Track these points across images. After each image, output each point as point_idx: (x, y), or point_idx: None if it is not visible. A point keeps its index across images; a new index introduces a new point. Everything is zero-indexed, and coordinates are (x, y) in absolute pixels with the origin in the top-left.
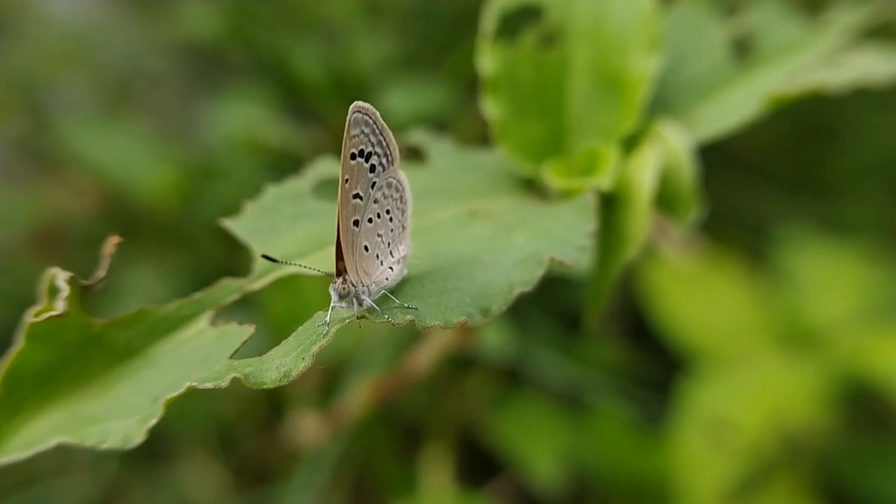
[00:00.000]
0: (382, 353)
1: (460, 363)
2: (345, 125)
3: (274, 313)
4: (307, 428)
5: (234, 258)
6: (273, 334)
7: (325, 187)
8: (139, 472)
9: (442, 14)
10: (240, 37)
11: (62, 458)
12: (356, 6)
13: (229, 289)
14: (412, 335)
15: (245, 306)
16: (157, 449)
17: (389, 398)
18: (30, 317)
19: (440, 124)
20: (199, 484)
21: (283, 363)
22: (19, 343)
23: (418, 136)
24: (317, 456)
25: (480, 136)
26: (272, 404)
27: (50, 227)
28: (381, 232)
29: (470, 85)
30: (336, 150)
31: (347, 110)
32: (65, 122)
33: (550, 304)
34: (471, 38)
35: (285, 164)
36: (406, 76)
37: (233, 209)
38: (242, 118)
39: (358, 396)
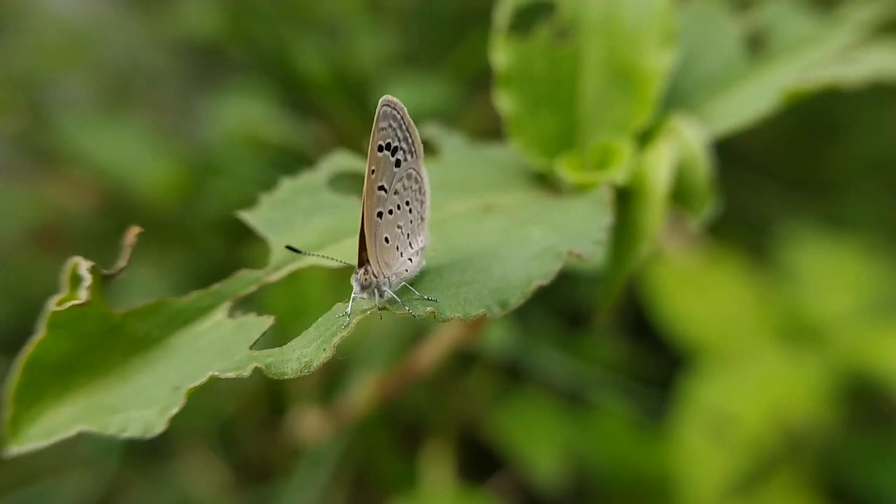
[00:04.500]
0: (385, 349)
1: (462, 360)
2: (373, 117)
3: (274, 307)
4: (308, 425)
5: (235, 254)
6: (275, 328)
7: (341, 180)
8: (140, 469)
9: (443, 10)
10: (240, 33)
11: (63, 455)
12: (357, 2)
13: (247, 280)
14: (413, 332)
15: (246, 300)
16: (157, 446)
17: (393, 395)
18: (52, 305)
19: (442, 120)
20: (199, 481)
21: (305, 353)
22: (40, 332)
23: (430, 130)
24: (318, 453)
25: (483, 132)
26: (273, 401)
27: (50, 224)
28: (400, 223)
29: (472, 81)
30: (338, 146)
31: (348, 106)
32: (65, 118)
33: (552, 300)
34: (473, 34)
35: (286, 160)
36: (407, 72)
37: (233, 205)
38: (242, 114)
39: (361, 393)
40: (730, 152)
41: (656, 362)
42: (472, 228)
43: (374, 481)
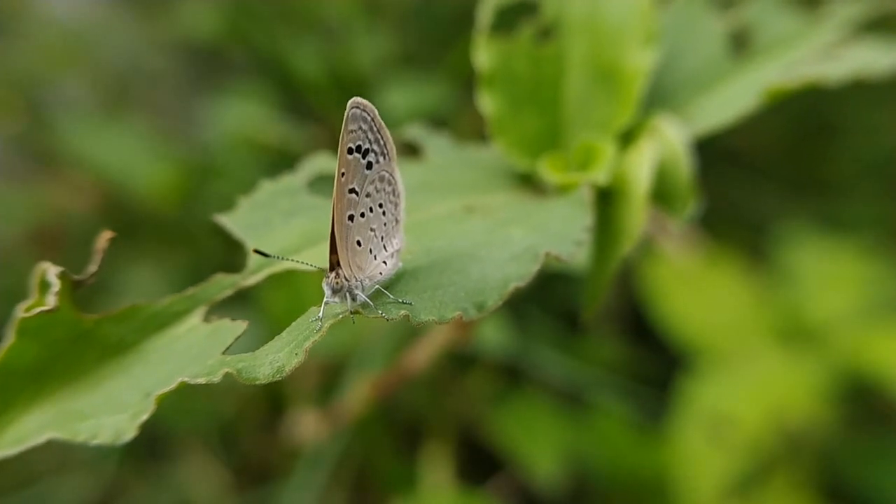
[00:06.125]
0: (381, 350)
1: (461, 361)
2: (342, 120)
3: (273, 312)
4: (307, 426)
5: (234, 256)
6: (272, 333)
7: (320, 183)
8: (139, 470)
9: (441, 12)
10: (239, 35)
11: (62, 457)
12: (355, 4)
13: (222, 284)
14: (411, 332)
15: (245, 305)
16: (157, 448)
17: (389, 395)
18: (20, 311)
19: (439, 121)
20: (199, 483)
21: (277, 358)
22: (9, 338)
23: (414, 131)
24: (317, 454)
25: (479, 134)
26: (272, 403)
27: (49, 226)
28: (373, 226)
29: (468, 82)
30: (335, 148)
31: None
32: (64, 120)
33: (550, 301)
34: (469, 35)
35: (284, 163)
36: (405, 74)
37: (231, 207)
38: (241, 117)
39: (357, 394)
40: (729, 153)
41: (655, 363)
42: (453, 230)
43: (373, 482)
